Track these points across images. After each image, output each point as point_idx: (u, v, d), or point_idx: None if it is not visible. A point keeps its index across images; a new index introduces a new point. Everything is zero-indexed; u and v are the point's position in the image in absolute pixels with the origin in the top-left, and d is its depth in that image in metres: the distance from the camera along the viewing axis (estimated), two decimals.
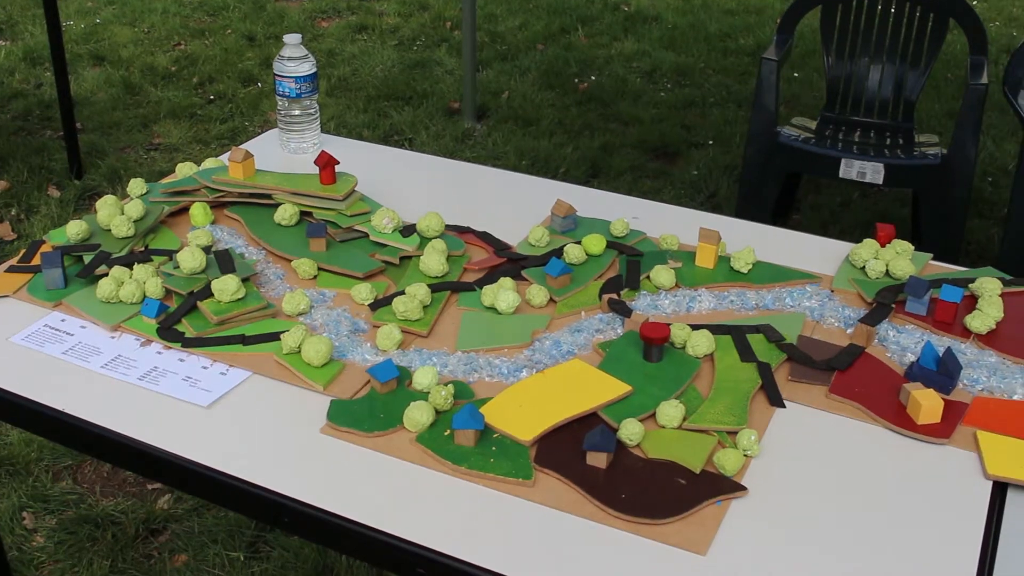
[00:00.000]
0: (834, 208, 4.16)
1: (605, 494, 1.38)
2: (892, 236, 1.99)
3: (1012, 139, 4.64)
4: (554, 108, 5.04)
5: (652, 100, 5.13)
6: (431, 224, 1.95)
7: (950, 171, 3.37)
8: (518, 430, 1.48)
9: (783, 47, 3.71)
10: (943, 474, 1.47)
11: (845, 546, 1.33)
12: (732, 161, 4.46)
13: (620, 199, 2.20)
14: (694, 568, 1.29)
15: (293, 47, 2.30)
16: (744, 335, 1.71)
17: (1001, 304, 1.79)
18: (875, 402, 1.58)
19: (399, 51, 5.77)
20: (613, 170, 4.43)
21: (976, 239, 3.93)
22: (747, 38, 5.92)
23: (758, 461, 1.47)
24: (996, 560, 1.34)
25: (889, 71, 3.78)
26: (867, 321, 1.75)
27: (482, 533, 1.34)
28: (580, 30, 6.04)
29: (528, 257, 1.92)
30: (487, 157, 4.54)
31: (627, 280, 1.85)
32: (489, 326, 1.73)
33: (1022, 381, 1.64)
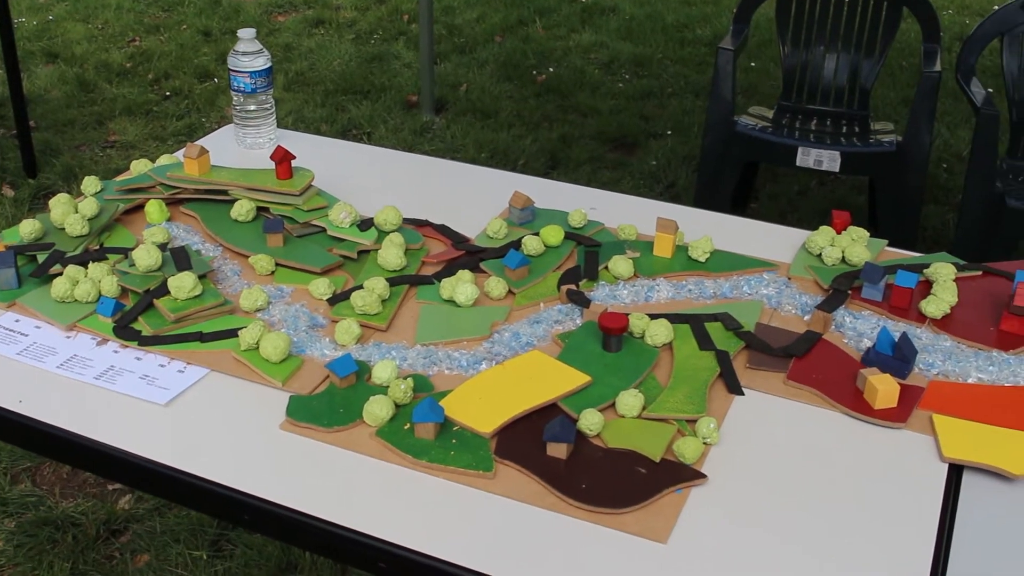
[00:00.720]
0: (792, 196, 4.19)
1: (565, 484, 1.39)
2: (848, 223, 2.00)
3: (966, 126, 4.68)
4: (512, 100, 5.04)
5: (610, 91, 5.14)
6: (389, 218, 1.94)
7: (905, 158, 3.40)
8: (478, 422, 1.48)
9: (739, 37, 3.72)
10: (900, 458, 1.48)
11: (804, 531, 1.34)
12: (690, 151, 4.47)
13: (578, 190, 2.21)
14: (655, 556, 1.30)
15: (247, 42, 2.28)
16: (702, 323, 1.71)
17: (955, 289, 1.81)
18: (832, 388, 1.60)
19: (356, 45, 5.75)
20: (572, 161, 4.43)
21: (932, 225, 3.97)
22: (704, 28, 5.93)
23: (717, 449, 1.48)
24: (952, 541, 1.35)
25: (844, 60, 3.81)
26: (824, 308, 1.76)
27: (443, 526, 1.34)
28: (538, 22, 6.03)
29: (486, 249, 1.91)
30: (446, 150, 4.53)
31: (585, 271, 1.85)
32: (448, 319, 1.73)
33: (976, 364, 1.66)
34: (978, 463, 1.47)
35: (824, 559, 1.30)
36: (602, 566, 1.28)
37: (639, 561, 1.29)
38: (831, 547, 1.32)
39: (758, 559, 1.30)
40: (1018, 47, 3.41)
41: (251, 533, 2.60)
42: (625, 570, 1.28)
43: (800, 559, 1.30)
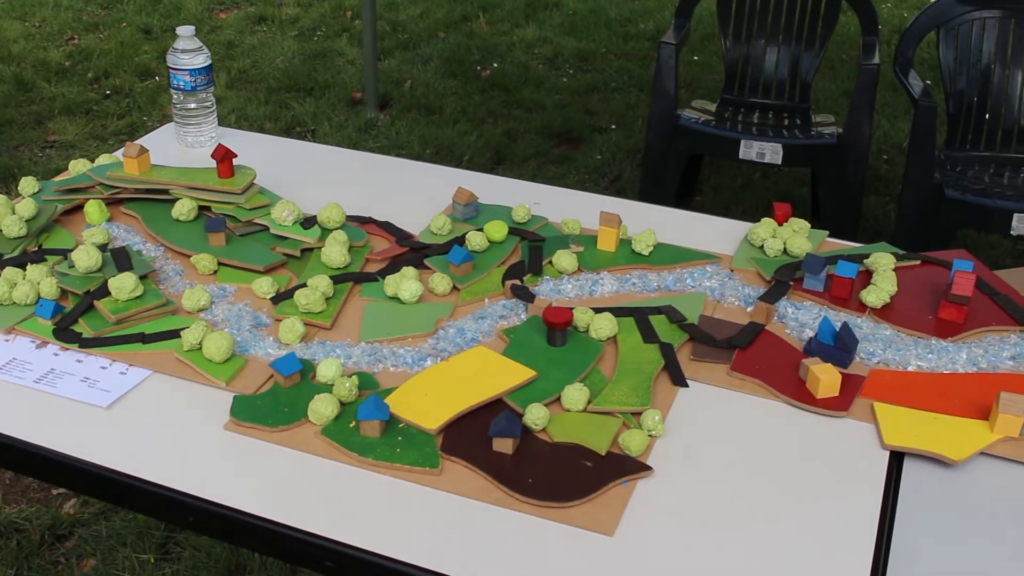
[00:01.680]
0: (736, 189, 4.22)
1: (512, 479, 1.39)
2: (789, 215, 2.02)
3: (906, 117, 4.74)
4: (457, 96, 5.03)
5: (555, 86, 5.15)
6: (332, 215, 1.93)
7: (846, 150, 3.44)
8: (424, 419, 1.47)
9: (681, 31, 3.75)
10: (842, 446, 1.50)
11: (749, 521, 1.36)
12: (635, 145, 4.49)
13: (523, 185, 2.21)
14: (602, 549, 1.31)
15: (187, 39, 2.26)
16: (646, 317, 1.72)
17: (895, 278, 1.83)
18: (775, 378, 1.61)
19: (299, 42, 5.71)
20: (517, 156, 4.44)
21: (873, 215, 4.02)
22: (647, 23, 5.96)
23: (663, 441, 1.49)
24: (895, 526, 1.37)
25: (785, 53, 3.84)
26: (766, 299, 1.78)
27: (389, 524, 1.34)
28: (482, 17, 6.03)
29: (430, 246, 1.91)
30: (391, 147, 4.52)
31: (529, 266, 1.86)
32: (392, 316, 1.72)
33: (916, 352, 1.69)
34: (918, 450, 1.49)
35: (769, 547, 1.32)
36: (549, 560, 1.29)
37: (586, 554, 1.30)
38: (776, 535, 1.34)
39: (704, 549, 1.31)
40: (954, 39, 3.46)
41: (198, 535, 2.58)
42: (572, 563, 1.28)
43: (745, 547, 1.31)
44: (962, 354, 1.69)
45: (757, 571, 1.28)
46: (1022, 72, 3.45)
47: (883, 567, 1.30)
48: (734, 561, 1.29)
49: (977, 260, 1.93)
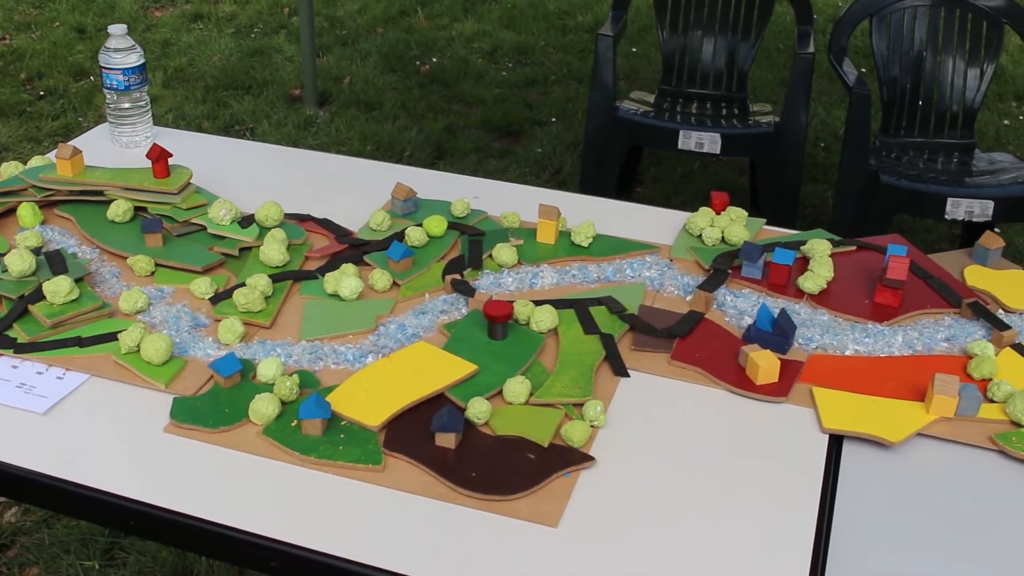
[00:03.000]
0: (676, 179, 4.25)
1: (455, 474, 1.39)
2: (727, 203, 2.04)
3: (842, 105, 4.79)
4: (397, 91, 5.01)
5: (494, 80, 5.15)
6: (270, 213, 1.92)
7: (783, 138, 3.47)
8: (366, 416, 1.47)
9: (618, 23, 3.76)
10: (782, 431, 1.52)
11: (693, 508, 1.37)
12: (575, 137, 4.50)
13: (463, 180, 2.21)
14: (547, 540, 1.31)
15: (119, 38, 2.23)
16: (586, 308, 1.73)
17: (831, 264, 1.85)
18: (715, 366, 1.63)
19: (237, 39, 5.66)
20: (458, 151, 4.43)
21: (812, 203, 4.06)
22: (585, 15, 5.97)
23: (605, 431, 1.50)
24: (835, 508, 1.39)
25: (722, 43, 3.87)
26: (705, 287, 1.79)
27: (334, 522, 1.33)
28: (420, 12, 6.01)
29: (370, 242, 1.91)
30: (331, 143, 4.49)
31: (469, 260, 1.86)
32: (333, 313, 1.72)
33: (853, 337, 1.71)
34: (856, 432, 1.51)
35: (712, 533, 1.33)
36: (495, 553, 1.29)
37: (531, 546, 1.30)
38: (719, 521, 1.35)
39: (648, 537, 1.32)
40: (886, 28, 3.51)
41: (144, 540, 2.55)
42: (517, 555, 1.29)
43: (689, 534, 1.32)
44: (898, 337, 1.72)
45: (701, 556, 1.29)
46: (953, 59, 3.50)
47: (824, 549, 1.32)
48: (678, 547, 1.31)
49: (911, 244, 1.96)
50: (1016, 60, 5.21)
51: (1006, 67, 5.19)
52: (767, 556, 1.30)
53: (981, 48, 3.48)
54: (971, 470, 1.48)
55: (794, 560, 1.29)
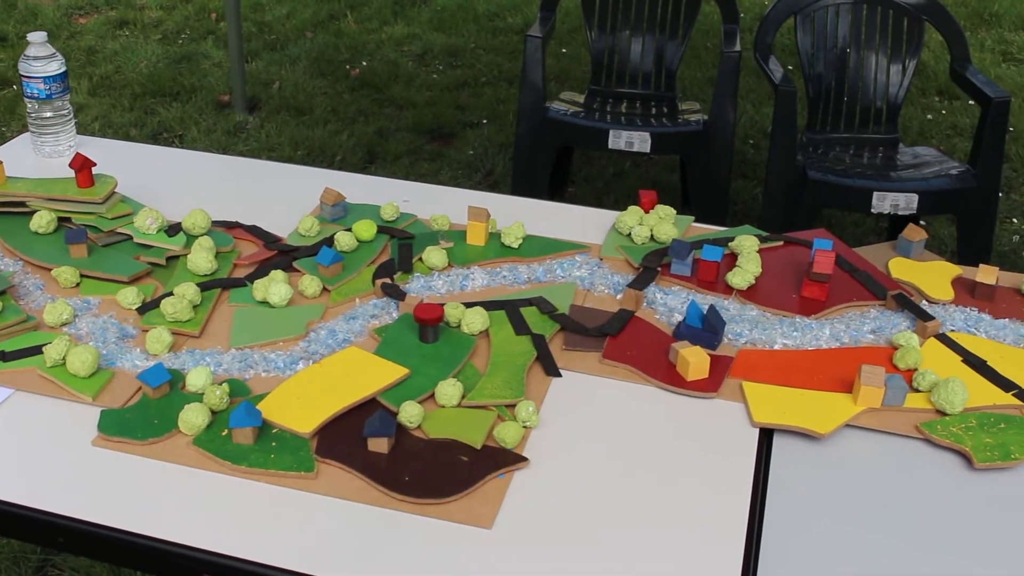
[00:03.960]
0: (608, 179, 4.27)
1: (388, 479, 1.39)
2: (655, 202, 2.05)
3: (770, 102, 4.84)
4: (327, 96, 4.99)
5: (425, 82, 5.14)
6: (197, 221, 1.90)
7: (712, 136, 3.51)
8: (297, 423, 1.46)
9: (547, 24, 3.77)
10: (714, 426, 1.53)
11: (627, 505, 1.38)
12: (507, 139, 4.51)
13: (394, 183, 2.20)
14: (482, 542, 1.31)
15: (39, 46, 2.20)
16: (517, 309, 1.73)
17: (759, 260, 1.87)
18: (647, 363, 1.64)
19: (163, 45, 5.59)
20: (390, 155, 4.42)
21: (742, 200, 4.10)
22: (515, 16, 5.98)
23: (538, 431, 1.50)
24: (767, 501, 1.41)
25: (650, 43, 3.90)
26: (635, 286, 1.80)
27: (267, 531, 1.32)
28: (349, 16, 5.98)
29: (299, 248, 1.89)
30: (261, 149, 4.46)
31: (399, 263, 1.85)
32: (262, 320, 1.70)
33: (781, 331, 1.73)
34: (786, 426, 1.53)
35: (646, 529, 1.34)
36: (430, 556, 1.29)
37: (466, 548, 1.30)
38: (652, 517, 1.36)
39: (583, 536, 1.33)
40: (810, 25, 3.55)
41: (76, 556, 2.52)
42: (453, 558, 1.29)
43: (623, 531, 1.33)
44: (825, 330, 1.74)
45: (636, 553, 1.30)
46: (876, 55, 3.56)
47: (756, 541, 1.34)
48: (613, 544, 1.31)
49: (836, 238, 1.99)
50: (938, 56, 5.31)
51: (928, 63, 5.29)
52: (701, 550, 1.31)
53: (903, 44, 3.54)
54: (898, 459, 1.50)
55: (728, 553, 1.31)
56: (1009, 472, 1.49)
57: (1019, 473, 1.49)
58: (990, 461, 1.48)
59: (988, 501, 1.43)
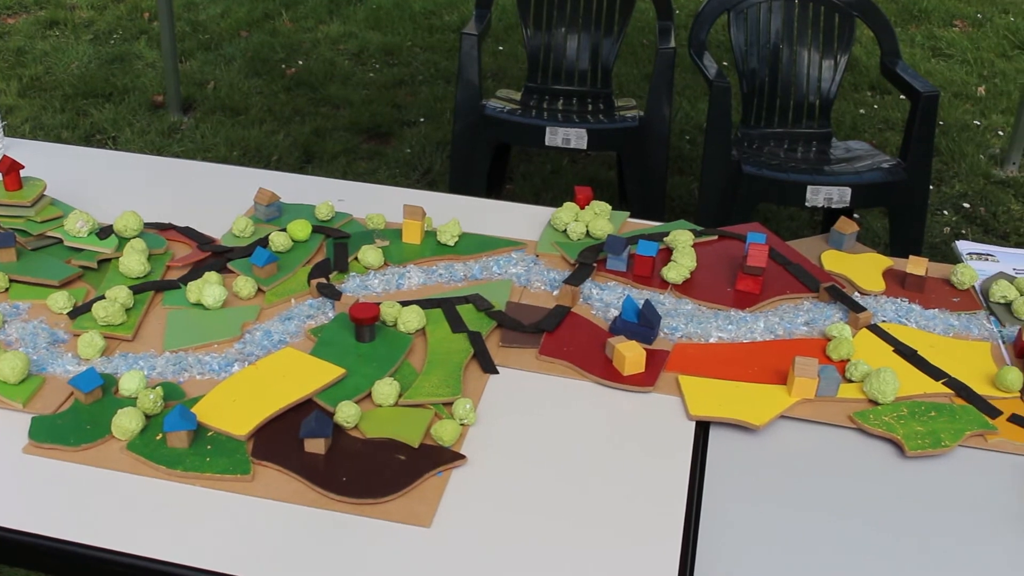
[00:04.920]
0: (545, 175, 4.28)
1: (325, 479, 1.38)
2: (591, 198, 2.06)
3: (705, 98, 4.87)
4: (263, 95, 4.94)
5: (361, 81, 5.11)
6: (128, 223, 1.88)
7: (648, 132, 3.52)
8: (232, 425, 1.45)
9: (482, 21, 3.77)
10: (651, 420, 1.54)
11: (565, 499, 1.38)
12: (444, 137, 4.50)
13: (330, 183, 2.19)
14: (421, 541, 1.31)
15: None
16: (454, 306, 1.73)
17: (694, 254, 1.89)
18: (583, 359, 1.64)
19: (95, 46, 5.51)
20: (327, 154, 4.39)
21: (679, 195, 4.13)
22: (452, 14, 5.97)
23: (475, 429, 1.50)
24: (704, 492, 1.42)
25: (585, 40, 3.91)
26: (571, 281, 1.81)
27: (204, 535, 1.31)
28: (284, 15, 5.94)
29: (233, 249, 1.88)
30: (196, 150, 4.41)
31: (335, 263, 1.84)
32: (197, 323, 1.69)
33: (716, 324, 1.74)
34: (722, 418, 1.55)
35: (585, 524, 1.34)
36: (368, 556, 1.28)
37: (405, 547, 1.30)
38: (591, 511, 1.36)
39: (522, 531, 1.33)
40: (744, 22, 3.58)
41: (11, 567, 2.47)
42: (392, 557, 1.28)
43: (562, 526, 1.34)
44: (759, 323, 1.76)
45: (575, 546, 1.31)
46: (808, 51, 3.60)
47: (694, 532, 1.35)
48: (552, 539, 1.32)
49: (770, 232, 2.01)
50: (869, 51, 5.38)
51: (860, 58, 5.35)
52: (640, 543, 1.32)
53: (834, 40, 3.58)
54: (832, 449, 1.52)
55: (665, 545, 1.32)
56: (940, 459, 1.51)
57: (949, 460, 1.51)
58: (921, 449, 1.51)
59: (920, 488, 1.46)
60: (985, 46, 5.68)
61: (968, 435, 1.54)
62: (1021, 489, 1.47)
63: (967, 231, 3.96)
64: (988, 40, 5.76)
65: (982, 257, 2.09)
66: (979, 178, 4.32)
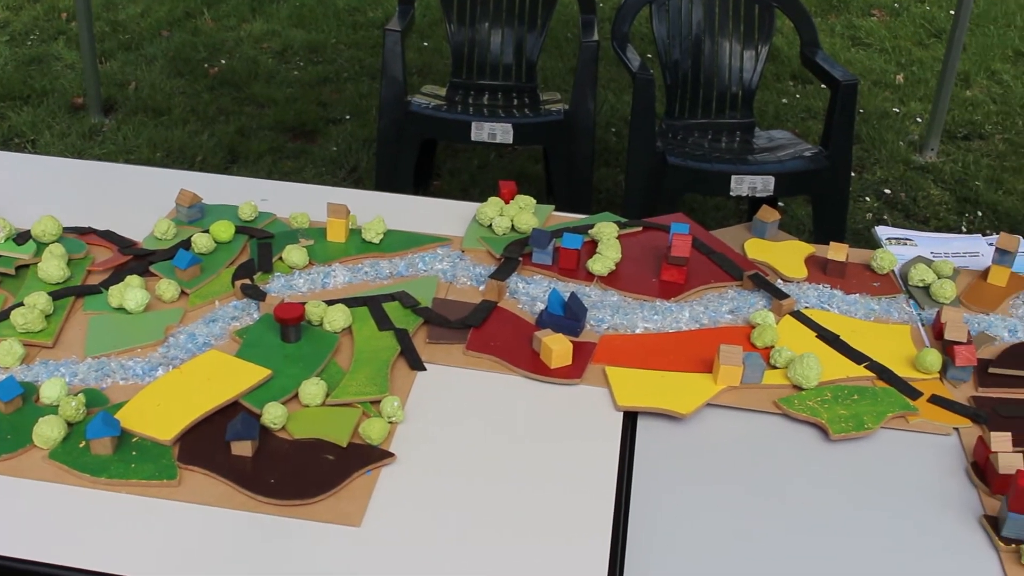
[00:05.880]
0: (473, 171, 4.27)
1: (253, 482, 1.37)
2: (515, 192, 2.07)
3: (630, 91, 4.90)
4: (185, 96, 4.88)
5: (286, 79, 5.07)
6: (47, 228, 1.84)
7: (573, 125, 3.54)
8: (157, 430, 1.43)
9: (406, 17, 3.76)
10: (579, 412, 1.55)
11: (496, 493, 1.38)
12: (370, 134, 4.48)
13: (255, 183, 2.17)
14: (351, 540, 1.31)
15: None
16: (380, 304, 1.73)
17: (619, 246, 1.90)
18: (510, 353, 1.65)
19: (11, 47, 5.41)
20: (252, 154, 4.35)
21: (606, 187, 4.15)
22: (375, 11, 5.94)
23: (404, 426, 1.50)
24: (633, 481, 1.43)
25: (509, 35, 3.91)
26: (496, 276, 1.81)
27: (130, 542, 1.29)
28: (206, 13, 5.87)
29: (155, 252, 1.86)
30: (118, 152, 4.34)
31: (259, 263, 1.83)
32: (119, 327, 1.66)
33: (642, 315, 1.76)
34: (649, 408, 1.56)
35: (516, 517, 1.35)
36: (298, 558, 1.28)
37: (335, 547, 1.29)
38: (521, 505, 1.37)
39: (453, 527, 1.33)
40: (665, 14, 3.61)
41: None
42: (323, 558, 1.28)
43: (494, 520, 1.34)
44: (684, 313, 1.77)
45: (506, 541, 1.31)
46: (729, 42, 3.63)
47: (624, 521, 1.36)
48: (483, 533, 1.32)
49: (693, 222, 2.03)
50: (791, 42, 5.44)
51: (782, 48, 5.42)
52: (571, 534, 1.33)
53: (755, 31, 3.62)
54: (759, 435, 1.54)
55: (596, 535, 1.33)
56: (863, 441, 1.54)
57: (872, 442, 1.54)
58: (845, 432, 1.53)
59: (844, 470, 1.48)
60: (903, 34, 5.78)
61: (890, 417, 1.57)
62: (941, 468, 1.50)
63: (888, 216, 4.03)
64: (905, 29, 5.86)
65: (901, 242, 2.12)
66: (899, 164, 4.40)
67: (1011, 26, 5.96)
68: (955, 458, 1.53)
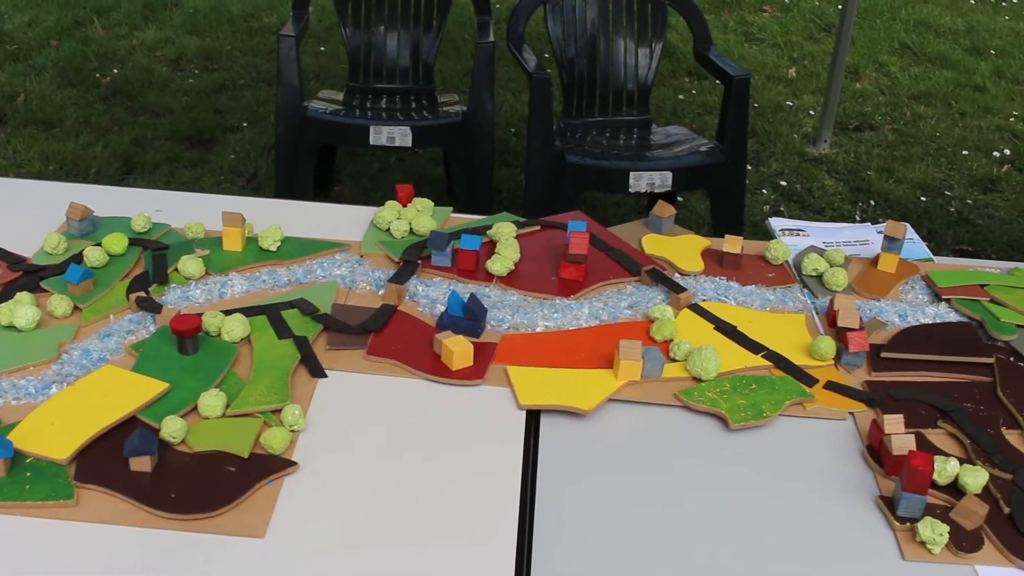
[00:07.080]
0: (374, 175, 4.26)
1: (153, 497, 1.35)
2: (412, 195, 2.07)
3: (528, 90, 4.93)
4: (77, 106, 4.78)
5: (181, 88, 5.00)
6: None
7: (471, 126, 3.54)
8: (52, 450, 1.40)
9: (300, 22, 3.73)
10: (482, 412, 1.56)
11: (401, 501, 1.38)
12: (268, 141, 4.44)
13: (150, 194, 2.14)
14: (256, 552, 1.29)
15: None
16: (278, 312, 1.71)
17: (517, 245, 1.91)
18: (412, 356, 1.65)
19: None
20: (148, 164, 4.28)
21: (507, 188, 4.16)
22: (270, 16, 5.89)
23: (306, 434, 1.49)
24: (538, 479, 1.44)
25: (405, 37, 3.91)
26: (396, 280, 1.81)
27: (27, 566, 1.26)
28: (96, 22, 5.76)
29: (46, 267, 1.82)
30: (8, 166, 4.24)
31: (154, 275, 1.80)
32: (9, 345, 1.62)
33: (542, 314, 1.77)
34: (552, 406, 1.57)
35: (422, 521, 1.35)
36: (204, 572, 1.26)
37: (240, 560, 1.28)
38: (428, 509, 1.37)
39: (359, 536, 1.32)
40: (560, 14, 3.63)
41: None
42: (227, 572, 1.26)
43: (400, 525, 1.34)
44: (584, 309, 1.79)
45: (413, 545, 1.31)
46: (624, 40, 3.67)
47: (530, 519, 1.37)
48: (389, 539, 1.32)
49: (591, 219, 2.05)
50: (685, 38, 5.52)
51: (677, 45, 5.49)
52: (477, 535, 1.33)
53: (648, 29, 3.66)
54: (660, 427, 1.57)
55: (503, 534, 1.33)
56: (762, 429, 1.57)
57: (770, 430, 1.57)
58: (744, 421, 1.56)
59: (745, 458, 1.51)
60: (794, 29, 5.90)
61: (788, 404, 1.61)
62: (838, 452, 1.54)
63: (785, 208, 4.11)
64: (796, 24, 5.98)
65: (794, 232, 2.17)
66: (794, 156, 4.49)
67: (896, 19, 6.12)
68: (851, 442, 1.56)
